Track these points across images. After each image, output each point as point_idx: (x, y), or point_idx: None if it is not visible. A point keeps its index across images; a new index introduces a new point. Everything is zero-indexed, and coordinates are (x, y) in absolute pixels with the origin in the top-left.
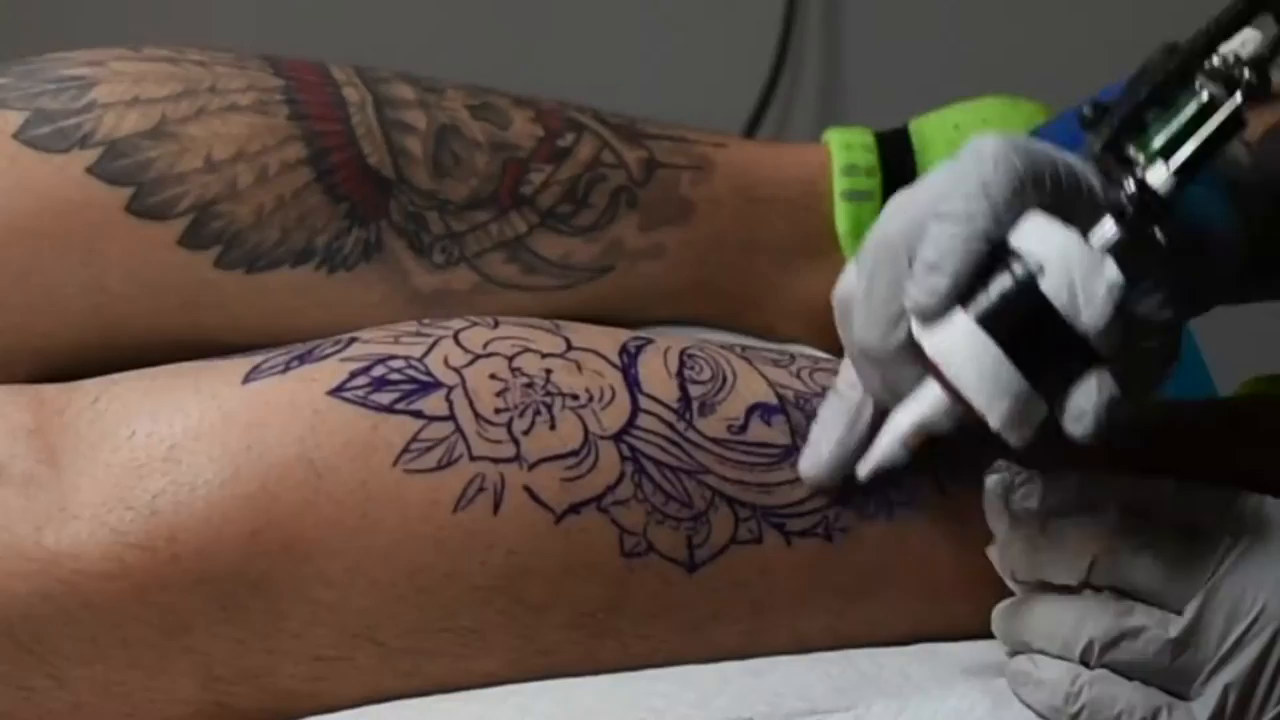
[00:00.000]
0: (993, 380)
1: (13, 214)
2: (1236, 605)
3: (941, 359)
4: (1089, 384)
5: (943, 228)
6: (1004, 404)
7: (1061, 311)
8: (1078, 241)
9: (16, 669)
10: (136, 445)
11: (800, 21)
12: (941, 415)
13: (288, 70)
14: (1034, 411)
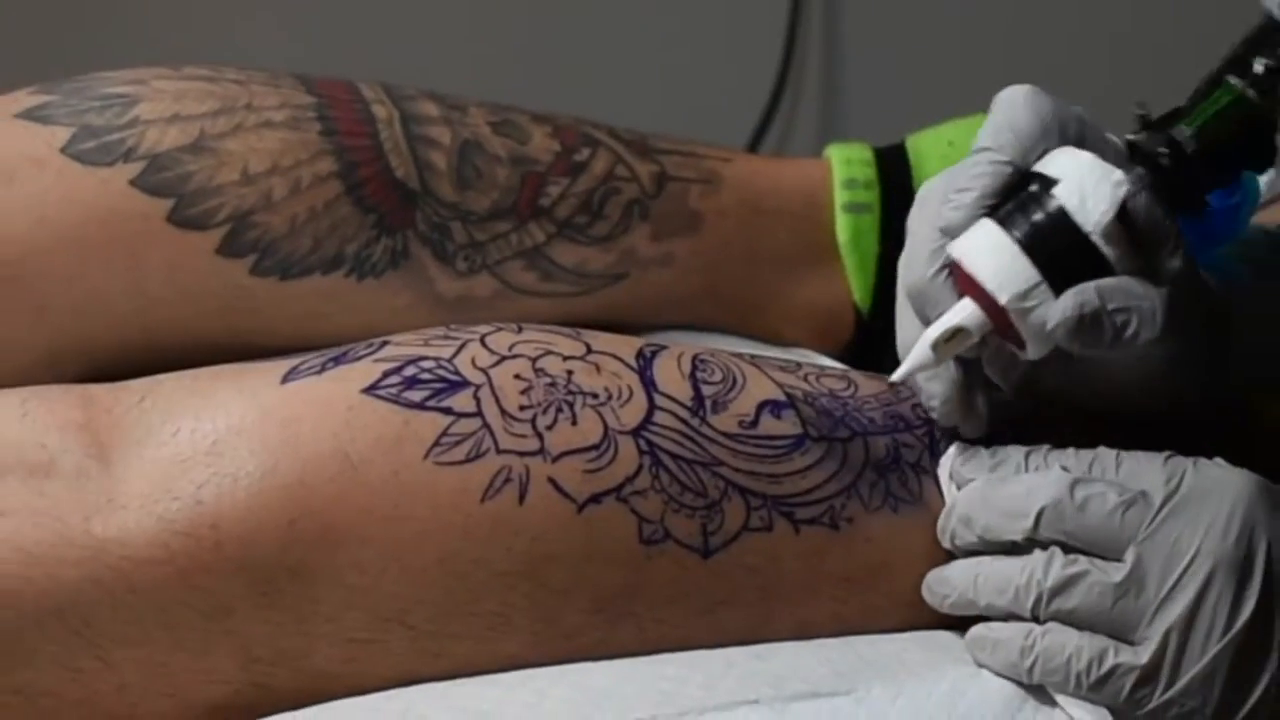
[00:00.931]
0: (1008, 269)
1: (60, 224)
2: (1173, 550)
3: (963, 256)
4: (1077, 289)
5: (972, 159)
6: (1014, 287)
7: (1073, 215)
8: (1094, 158)
9: (66, 651)
10: (181, 441)
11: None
12: (968, 320)
13: (319, 88)
14: (1044, 305)
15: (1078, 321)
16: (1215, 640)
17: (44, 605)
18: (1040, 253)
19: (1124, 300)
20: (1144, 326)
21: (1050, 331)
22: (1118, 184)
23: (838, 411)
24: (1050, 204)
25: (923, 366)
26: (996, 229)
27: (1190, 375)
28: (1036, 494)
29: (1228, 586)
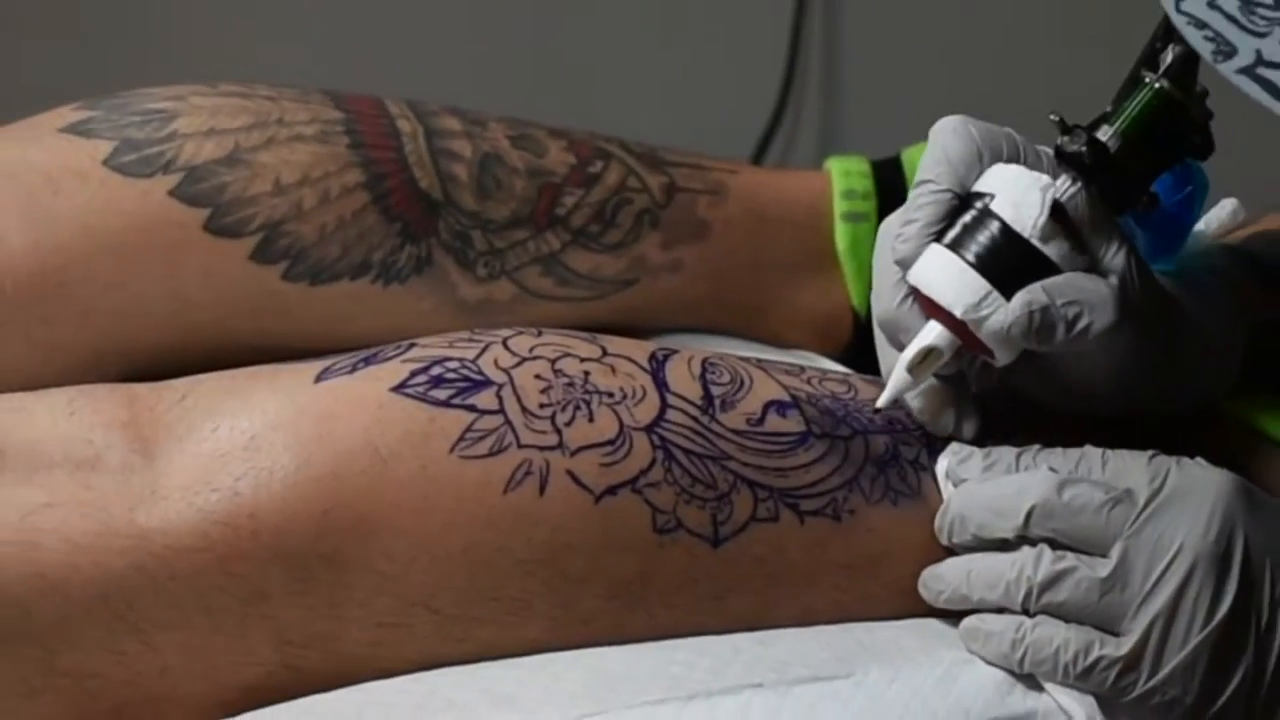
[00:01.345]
0: (958, 283)
1: (102, 232)
2: (1157, 546)
3: (920, 281)
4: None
5: (914, 192)
6: (967, 299)
7: (1010, 224)
8: (1022, 169)
9: (111, 635)
10: (220, 436)
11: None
12: (936, 340)
13: (347, 104)
14: (998, 311)
15: (1029, 319)
16: (1196, 632)
17: (90, 592)
18: (987, 263)
19: (1072, 295)
20: (1096, 317)
21: (1007, 333)
22: (1045, 188)
23: (839, 411)
24: (988, 218)
25: (903, 390)
26: (944, 250)
27: (1153, 370)
28: (1026, 493)
29: (1208, 581)
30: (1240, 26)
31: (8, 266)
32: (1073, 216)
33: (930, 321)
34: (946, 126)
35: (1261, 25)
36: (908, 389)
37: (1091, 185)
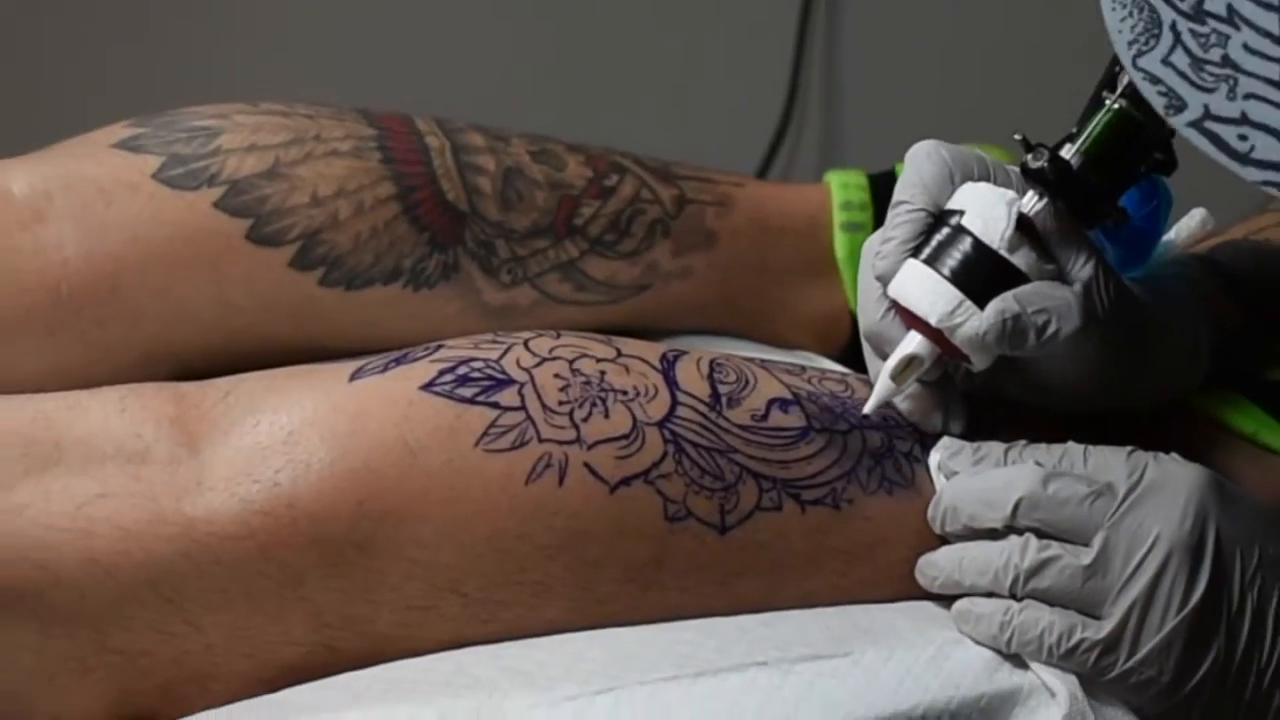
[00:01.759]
0: (933, 294)
1: (151, 241)
2: (1135, 536)
3: (899, 294)
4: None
5: (892, 212)
6: (941, 309)
7: (980, 237)
8: (989, 186)
9: (159, 616)
10: (261, 431)
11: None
12: (916, 348)
13: (380, 121)
14: (972, 319)
15: (1001, 326)
16: (1171, 616)
17: (140, 576)
18: (959, 275)
19: (1041, 302)
20: (1063, 323)
21: (982, 339)
22: (1010, 202)
23: (838, 408)
24: (960, 233)
25: (888, 397)
26: (920, 265)
27: (1125, 371)
28: (1014, 486)
29: (1183, 569)
30: (1190, 82)
31: (63, 272)
32: (1040, 229)
33: (910, 331)
34: (920, 151)
35: (1209, 81)
36: (892, 395)
37: (1058, 200)
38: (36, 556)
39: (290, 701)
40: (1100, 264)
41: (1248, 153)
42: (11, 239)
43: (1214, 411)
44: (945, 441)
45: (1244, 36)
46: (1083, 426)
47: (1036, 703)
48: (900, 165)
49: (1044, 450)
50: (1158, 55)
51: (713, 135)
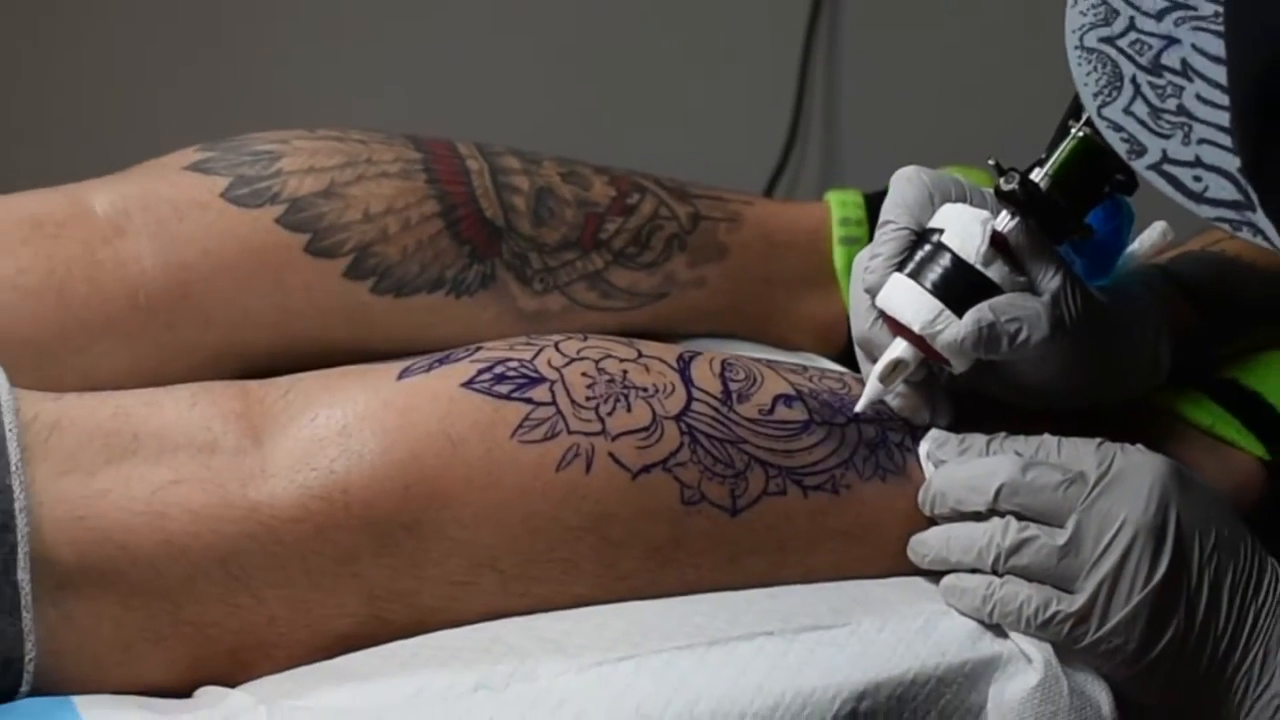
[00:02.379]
0: (916, 305)
1: (220, 254)
2: (1104, 519)
3: (884, 304)
4: (974, 309)
5: (879, 231)
6: (923, 318)
7: (958, 253)
8: (965, 207)
9: (227, 591)
10: (318, 424)
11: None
12: (902, 353)
13: (425, 146)
14: (950, 326)
15: (977, 333)
16: (1137, 592)
17: (209, 555)
18: (939, 287)
19: (1013, 312)
20: (1033, 330)
21: (960, 345)
22: (985, 221)
23: (836, 403)
24: (940, 249)
25: (877, 397)
26: (904, 278)
27: (1093, 372)
28: (996, 474)
29: (1147, 549)
30: (1149, 129)
31: (141, 281)
32: (1012, 245)
33: (897, 338)
34: (902, 176)
35: (1166, 129)
36: (881, 395)
37: (1028, 219)
38: (117, 537)
39: (344, 667)
40: (1068, 276)
41: (1202, 192)
42: (94, 253)
43: (1174, 406)
44: (933, 433)
45: (1197, 88)
46: (1057, 420)
47: (1015, 668)
48: None
49: (1022, 441)
50: (1120, 105)
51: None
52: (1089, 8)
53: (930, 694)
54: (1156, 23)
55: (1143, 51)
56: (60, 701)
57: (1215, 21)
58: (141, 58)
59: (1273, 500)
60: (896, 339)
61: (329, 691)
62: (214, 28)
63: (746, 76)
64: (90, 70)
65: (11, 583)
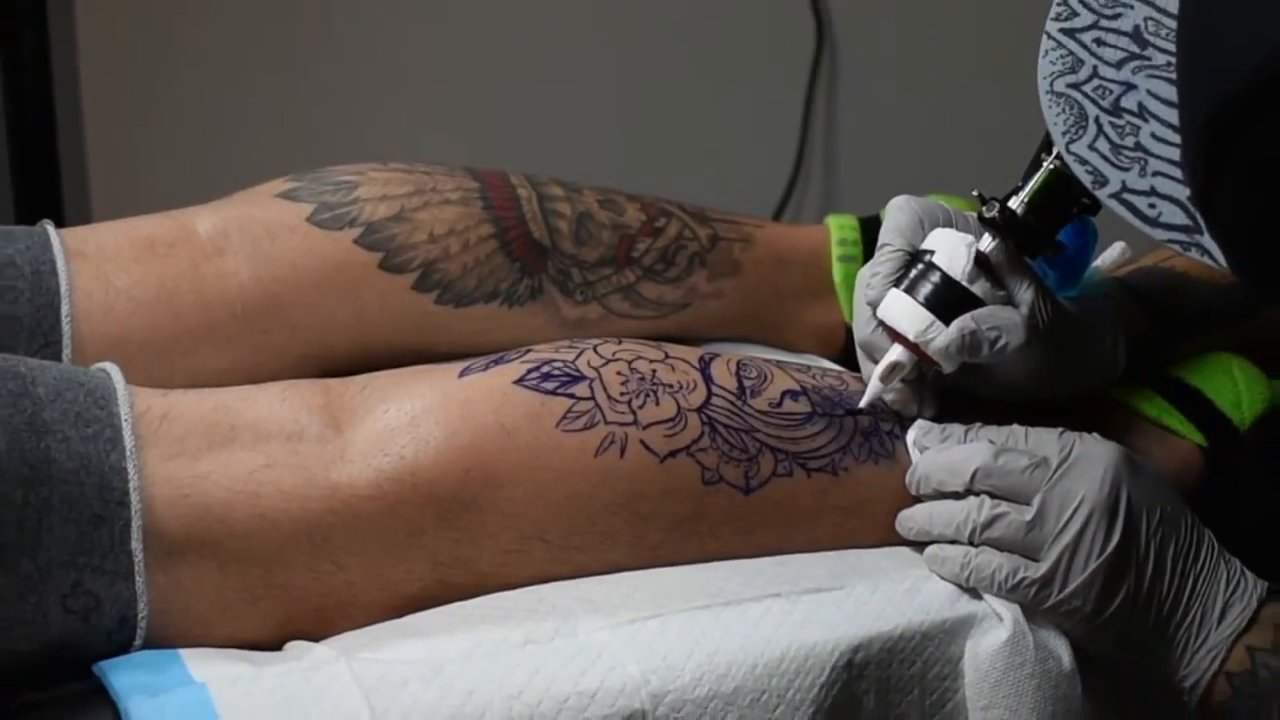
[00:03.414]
0: (910, 316)
1: (306, 269)
2: (1065, 498)
3: (884, 315)
4: (960, 319)
5: (878, 251)
6: (916, 327)
7: (947, 271)
8: (953, 231)
9: (312, 559)
10: (390, 416)
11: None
12: (899, 357)
13: (481, 176)
14: (940, 335)
15: (961, 340)
16: (1093, 560)
17: (297, 528)
18: (930, 300)
19: (993, 322)
20: (1011, 337)
21: (948, 350)
22: (970, 244)
23: (836, 398)
24: (930, 268)
25: (878, 394)
26: (900, 293)
27: (1060, 371)
28: (971, 459)
29: (1101, 523)
30: (1111, 163)
31: (239, 294)
32: (993, 263)
33: (894, 344)
34: (895, 205)
35: (1125, 162)
36: (881, 393)
37: (1007, 240)
38: (216, 513)
39: (411, 624)
40: (1040, 289)
41: (1156, 217)
42: (198, 269)
43: (1127, 400)
44: (919, 423)
45: (1152, 128)
46: (1025, 412)
47: (988, 625)
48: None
49: (994, 430)
50: (1085, 142)
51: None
52: (1058, 58)
53: (915, 647)
54: (1116, 71)
55: (1104, 96)
56: (169, 654)
57: (1167, 70)
58: (241, 103)
59: (1210, 481)
60: (894, 345)
61: (398, 645)
62: (301, 79)
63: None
64: (197, 114)
65: (126, 552)
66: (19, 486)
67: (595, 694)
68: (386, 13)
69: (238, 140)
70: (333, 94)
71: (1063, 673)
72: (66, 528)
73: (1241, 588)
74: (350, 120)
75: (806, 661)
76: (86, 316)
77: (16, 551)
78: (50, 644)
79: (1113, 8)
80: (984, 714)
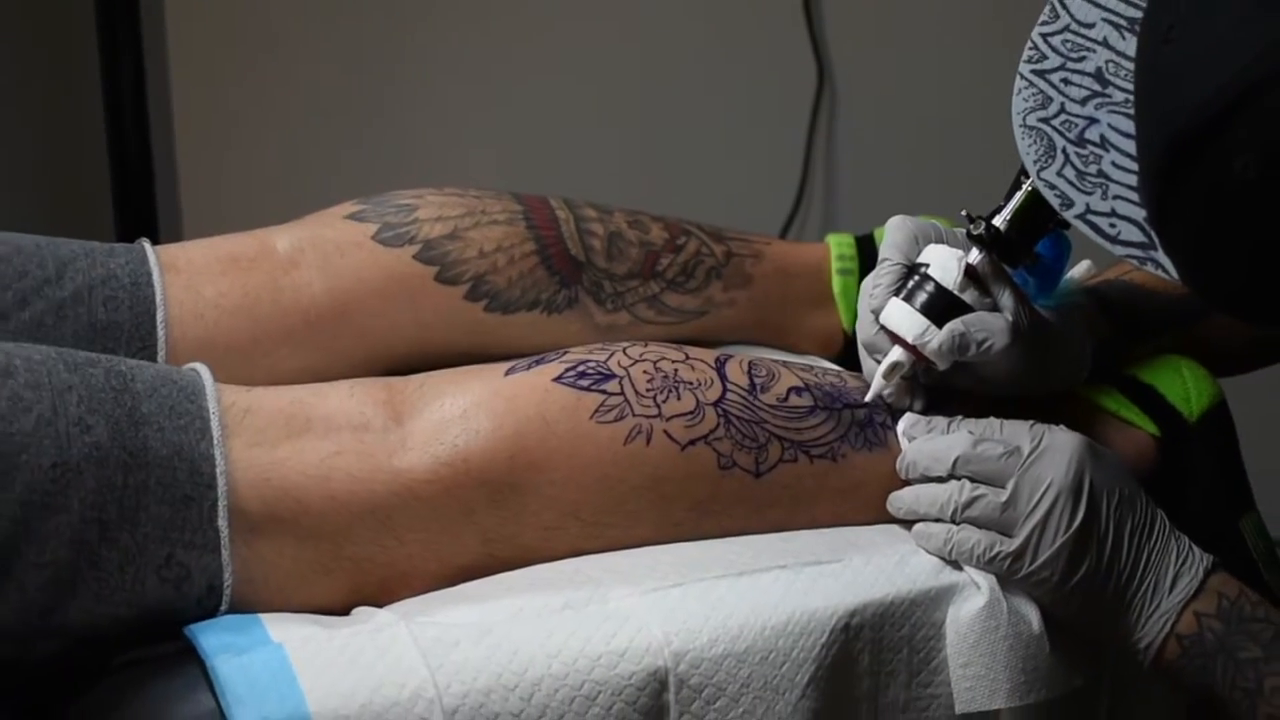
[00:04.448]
0: (909, 321)
1: (371, 281)
2: (1035, 482)
3: (886, 321)
4: (950, 324)
5: (879, 265)
6: (914, 331)
7: (940, 282)
8: (946, 247)
9: (376, 535)
10: (444, 409)
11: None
12: (899, 357)
13: (525, 200)
14: (935, 338)
15: (952, 342)
16: (1060, 536)
17: (364, 508)
18: (926, 308)
19: (980, 325)
20: (996, 339)
21: (941, 351)
22: (960, 258)
23: (835, 393)
24: (926, 279)
25: (881, 390)
26: (899, 301)
27: (1036, 370)
28: (953, 448)
29: (1067, 504)
30: (1076, 188)
31: (311, 303)
32: (980, 274)
33: (894, 346)
34: (893, 224)
35: (1089, 187)
36: (884, 389)
37: (991, 254)
38: (293, 494)
39: (463, 592)
40: (1021, 297)
41: (1117, 236)
42: (277, 281)
43: (1090, 396)
44: (908, 416)
45: (1112, 157)
46: (1001, 406)
47: (968, 593)
48: (876, 230)
49: (973, 423)
50: (1054, 169)
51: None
52: (1030, 95)
53: (904, 612)
54: (1081, 107)
55: (1070, 129)
56: (251, 618)
57: (1126, 107)
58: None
59: (1162, 467)
60: (895, 347)
61: (451, 610)
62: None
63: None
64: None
65: (214, 528)
66: (120, 471)
67: (624, 652)
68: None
69: (311, 169)
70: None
71: (1032, 634)
72: (161, 507)
73: (1189, 560)
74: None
75: (809, 624)
76: (179, 322)
77: (117, 528)
78: (147, 609)
79: (1078, 52)
80: (963, 670)
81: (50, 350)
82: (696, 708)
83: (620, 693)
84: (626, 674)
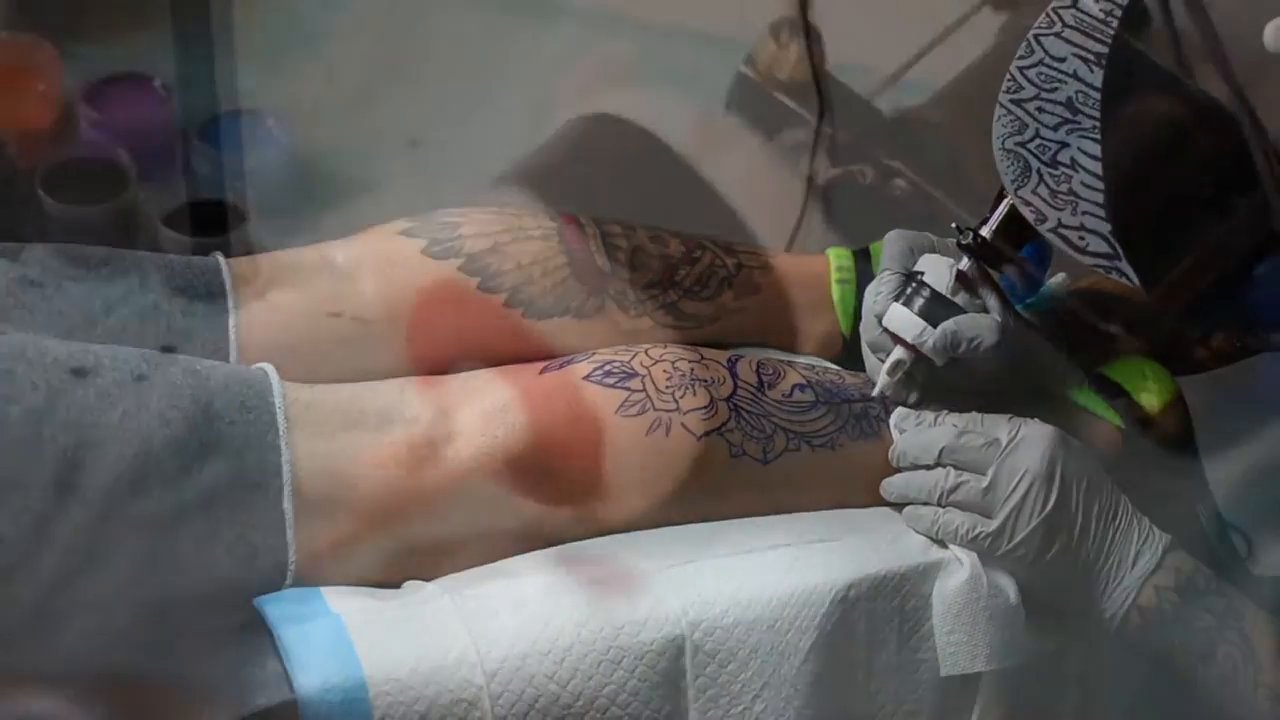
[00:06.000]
0: (908, 323)
1: (421, 290)
2: (1013, 470)
3: (888, 324)
4: (944, 324)
5: (880, 273)
6: (913, 332)
7: (935, 288)
8: (939, 256)
9: (425, 517)
10: (486, 404)
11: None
12: (901, 355)
13: (558, 218)
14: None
15: (946, 340)
16: (1035, 518)
17: (413, 494)
18: (923, 311)
19: (971, 324)
20: (985, 338)
21: (937, 349)
22: (952, 265)
23: (835, 389)
24: (922, 286)
25: (887, 385)
26: (900, 306)
27: (1017, 367)
28: (939, 439)
29: (1041, 489)
30: (1049, 204)
31: (366, 309)
32: (970, 280)
33: (897, 346)
34: (892, 237)
35: (1061, 204)
36: (888, 386)
37: (980, 261)
38: (348, 480)
39: (502, 568)
40: (1006, 301)
41: (1085, 247)
42: (336, 290)
43: (1064, 391)
44: (899, 410)
45: (1081, 177)
46: (983, 400)
47: (952, 569)
48: (873, 245)
49: (958, 416)
50: (1029, 188)
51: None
52: (1008, 122)
53: (896, 585)
54: (1054, 132)
55: (1044, 152)
56: (312, 591)
57: (1094, 132)
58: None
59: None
60: (897, 346)
61: (491, 584)
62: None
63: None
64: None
65: (280, 511)
66: (196, 459)
67: (645, 622)
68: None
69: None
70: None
71: (1010, 605)
72: (233, 492)
73: (1150, 540)
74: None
75: (811, 596)
76: (248, 327)
77: (194, 512)
78: (220, 583)
79: (1050, 84)
80: (948, 637)
81: (134, 351)
82: (711, 670)
83: (642, 657)
84: (648, 640)
